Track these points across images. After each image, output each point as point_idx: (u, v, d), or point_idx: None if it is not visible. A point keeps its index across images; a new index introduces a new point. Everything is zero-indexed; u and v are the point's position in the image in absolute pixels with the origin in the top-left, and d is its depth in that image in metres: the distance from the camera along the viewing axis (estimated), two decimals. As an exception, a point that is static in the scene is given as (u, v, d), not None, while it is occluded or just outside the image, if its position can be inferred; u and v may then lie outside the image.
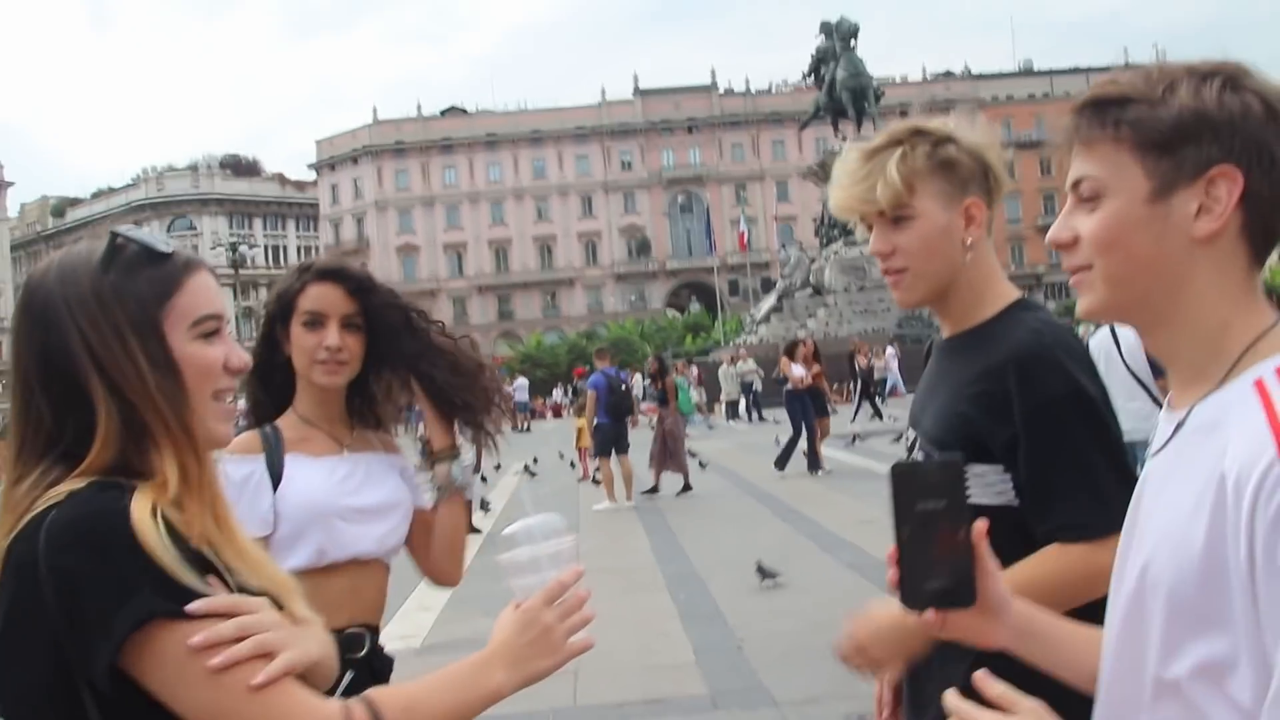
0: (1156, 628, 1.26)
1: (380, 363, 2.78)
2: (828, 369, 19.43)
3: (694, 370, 34.76)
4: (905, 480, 1.39)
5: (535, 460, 21.79)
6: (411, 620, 9.09)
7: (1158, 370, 7.12)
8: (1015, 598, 1.48)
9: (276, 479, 2.67)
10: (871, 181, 2.14)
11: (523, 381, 47.59)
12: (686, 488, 16.20)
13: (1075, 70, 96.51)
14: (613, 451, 15.70)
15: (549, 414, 50.54)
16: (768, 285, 62.03)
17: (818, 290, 45.71)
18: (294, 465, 2.69)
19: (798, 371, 17.78)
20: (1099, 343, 7.54)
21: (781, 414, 32.81)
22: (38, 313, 1.48)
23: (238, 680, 1.37)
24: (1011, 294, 2.24)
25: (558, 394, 53.34)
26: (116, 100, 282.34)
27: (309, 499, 2.65)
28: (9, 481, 1.47)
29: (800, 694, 6.29)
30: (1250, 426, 1.19)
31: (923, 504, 1.38)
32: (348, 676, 1.80)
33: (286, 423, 2.77)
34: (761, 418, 32.20)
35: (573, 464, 21.09)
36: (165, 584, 1.35)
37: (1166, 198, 1.29)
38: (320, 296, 2.71)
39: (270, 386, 2.82)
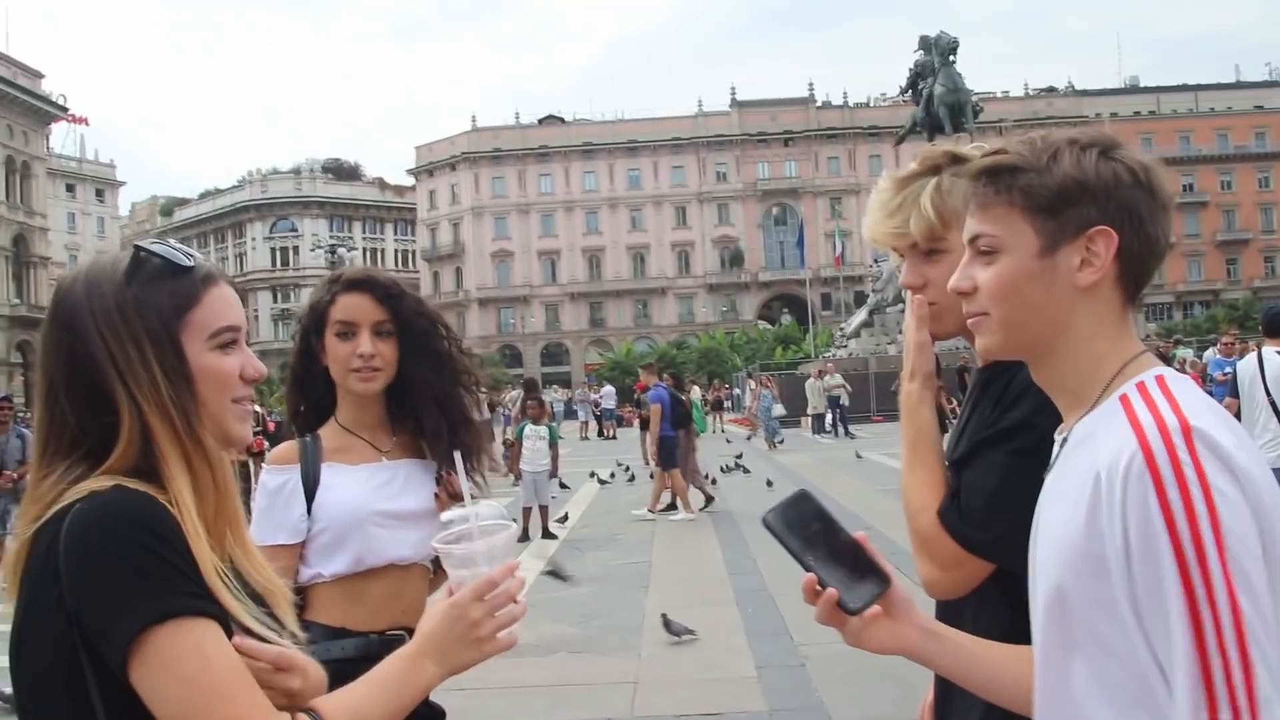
0: (1062, 626, 1.41)
1: (413, 367, 2.81)
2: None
3: (763, 386, 34.40)
4: (781, 523, 1.61)
5: (622, 466, 21.93)
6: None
7: None
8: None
9: (311, 488, 2.73)
10: (905, 214, 2.11)
11: (610, 389, 47.73)
12: (709, 500, 16.62)
13: (1183, 87, 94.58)
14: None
15: (635, 422, 50.52)
16: (860, 299, 61.42)
17: (909, 306, 45.10)
18: (332, 474, 2.75)
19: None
20: (1245, 367, 8.25)
21: (870, 429, 32.58)
22: (64, 320, 1.55)
23: (210, 687, 1.40)
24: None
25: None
26: (225, 104, 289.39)
27: (345, 506, 2.70)
28: (34, 477, 1.54)
29: (858, 715, 6.23)
30: (1116, 430, 1.37)
31: (806, 532, 1.59)
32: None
33: (328, 432, 2.84)
34: (849, 433, 31.90)
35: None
36: (175, 586, 1.41)
37: (1053, 253, 1.48)
38: (351, 306, 2.77)
39: (311, 397, 2.90)
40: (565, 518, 15.54)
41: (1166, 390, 1.40)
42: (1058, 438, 1.56)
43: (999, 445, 1.92)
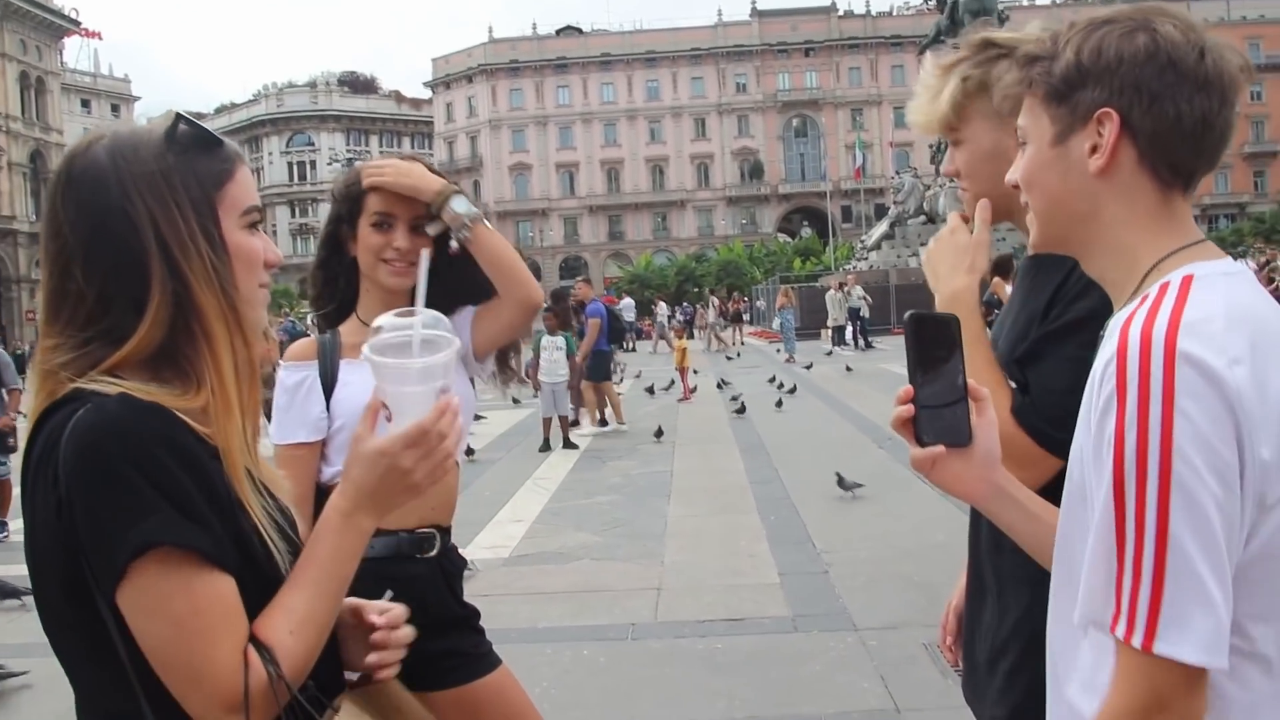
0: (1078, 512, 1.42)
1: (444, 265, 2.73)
2: None
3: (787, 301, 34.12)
4: (918, 328, 1.55)
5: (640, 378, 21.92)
6: (503, 531, 9.25)
7: None
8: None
9: (330, 385, 2.67)
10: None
11: (629, 301, 47.69)
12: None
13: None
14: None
15: (654, 334, 50.51)
16: (881, 212, 60.98)
17: (931, 218, 44.76)
18: (350, 371, 2.68)
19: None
20: None
21: (891, 341, 32.49)
22: (89, 186, 1.45)
23: (195, 631, 1.36)
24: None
25: (661, 310, 53.29)
26: (239, 17, 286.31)
27: (363, 403, 2.63)
28: (44, 345, 1.47)
29: (881, 620, 6.24)
30: (1112, 336, 1.34)
31: (933, 352, 1.54)
32: (386, 596, 1.77)
33: (348, 328, 2.76)
34: (869, 344, 31.79)
35: (672, 382, 21.18)
36: (172, 514, 1.34)
37: (1065, 141, 1.47)
38: (391, 197, 2.67)
39: (334, 289, 2.81)
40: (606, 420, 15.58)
41: (1182, 295, 1.34)
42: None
43: (1067, 340, 1.88)
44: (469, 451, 13.89)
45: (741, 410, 16.60)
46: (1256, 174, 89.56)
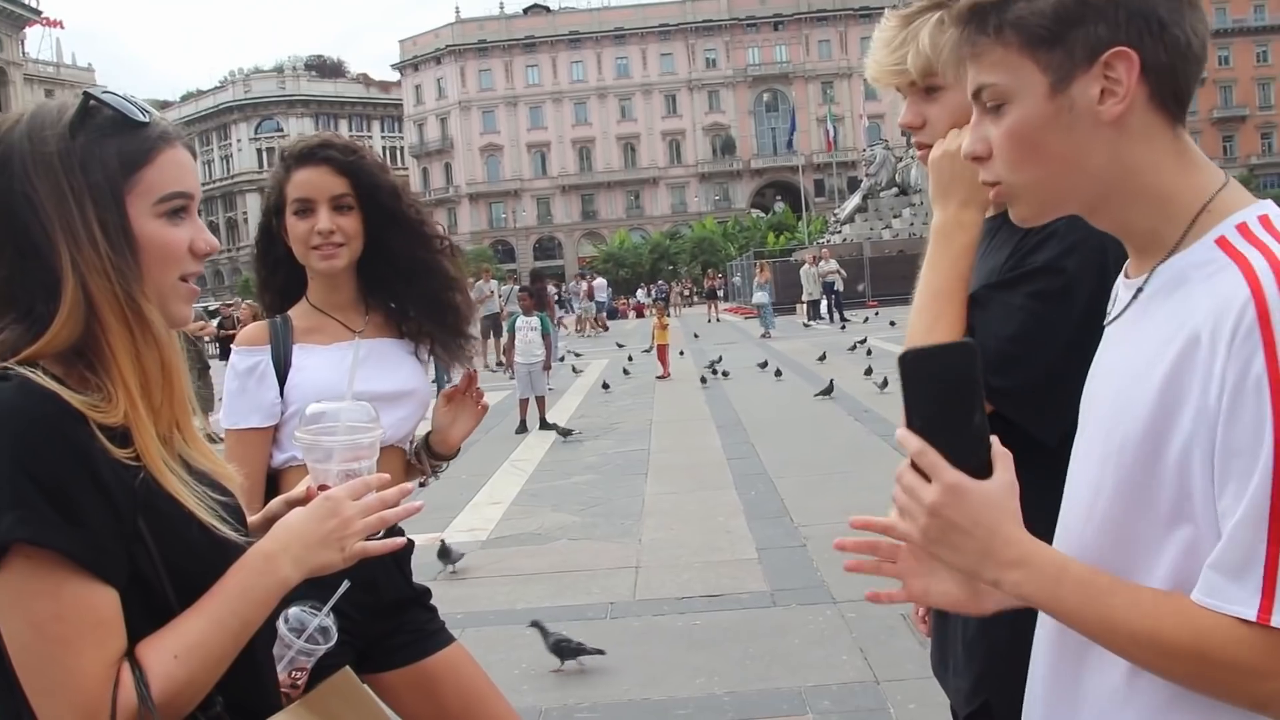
0: (1114, 489, 1.28)
1: (381, 238, 2.69)
2: None
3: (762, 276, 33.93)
4: (916, 372, 1.29)
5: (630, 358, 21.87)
6: (480, 514, 9.22)
7: None
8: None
9: (283, 369, 2.63)
10: (906, 50, 2.01)
11: (602, 281, 47.65)
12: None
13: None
14: None
15: (630, 313, 50.55)
16: (854, 185, 60.99)
17: (903, 190, 44.90)
18: (304, 355, 2.65)
19: None
20: None
21: (865, 314, 32.56)
22: (0, 166, 1.39)
23: (57, 637, 1.29)
24: None
25: (640, 294, 53.28)
26: (206, 3, 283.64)
27: (320, 388, 2.59)
28: None
29: (859, 593, 6.20)
30: (1223, 279, 1.18)
31: (939, 384, 1.29)
32: (343, 586, 1.74)
33: (298, 312, 2.73)
34: (844, 319, 31.84)
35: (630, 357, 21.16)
36: (41, 509, 1.27)
37: (1066, 88, 1.27)
38: (306, 182, 2.63)
39: (275, 278, 2.78)
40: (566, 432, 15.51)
41: (1276, 231, 1.21)
42: (1124, 283, 1.38)
43: (1016, 288, 1.80)
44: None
45: (710, 377, 16.48)
46: (1225, 138, 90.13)
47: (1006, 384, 1.73)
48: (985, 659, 1.87)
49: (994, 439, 1.30)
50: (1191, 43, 1.27)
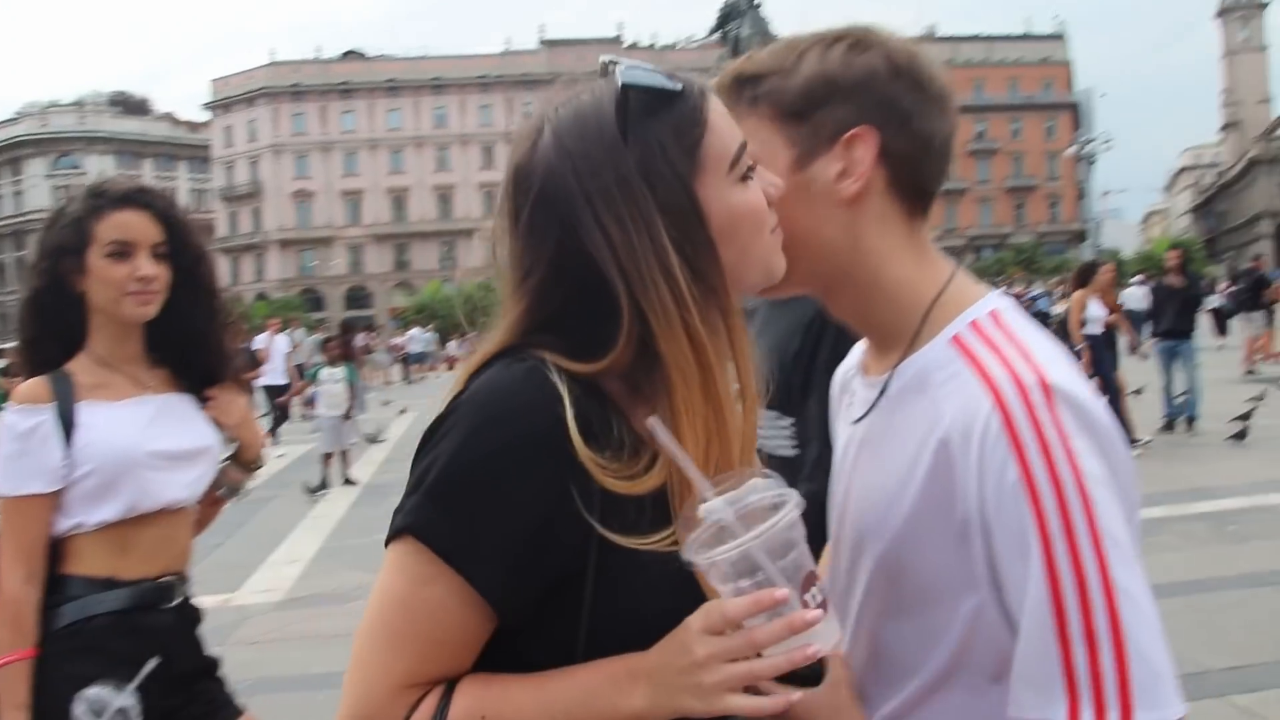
0: (866, 587, 1.31)
1: (181, 294, 2.61)
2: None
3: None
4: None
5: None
6: (276, 573, 8.91)
7: None
8: None
9: (68, 428, 2.49)
10: None
11: (416, 332, 47.08)
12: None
13: (978, 38, 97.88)
14: None
15: (442, 366, 50.01)
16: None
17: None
18: (93, 413, 2.51)
19: (1096, 311, 12.09)
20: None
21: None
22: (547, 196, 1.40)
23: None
24: None
25: (452, 346, 52.81)
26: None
27: (116, 447, 2.49)
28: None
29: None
30: (962, 385, 1.20)
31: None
32: (151, 664, 1.64)
33: (79, 366, 2.57)
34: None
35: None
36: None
37: (808, 165, 1.30)
38: (126, 224, 2.52)
39: (60, 327, 2.60)
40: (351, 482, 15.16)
41: (1010, 334, 1.23)
42: (864, 381, 1.38)
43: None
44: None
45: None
46: (1017, 206, 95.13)
47: None
48: None
49: None
50: (934, 139, 1.31)
